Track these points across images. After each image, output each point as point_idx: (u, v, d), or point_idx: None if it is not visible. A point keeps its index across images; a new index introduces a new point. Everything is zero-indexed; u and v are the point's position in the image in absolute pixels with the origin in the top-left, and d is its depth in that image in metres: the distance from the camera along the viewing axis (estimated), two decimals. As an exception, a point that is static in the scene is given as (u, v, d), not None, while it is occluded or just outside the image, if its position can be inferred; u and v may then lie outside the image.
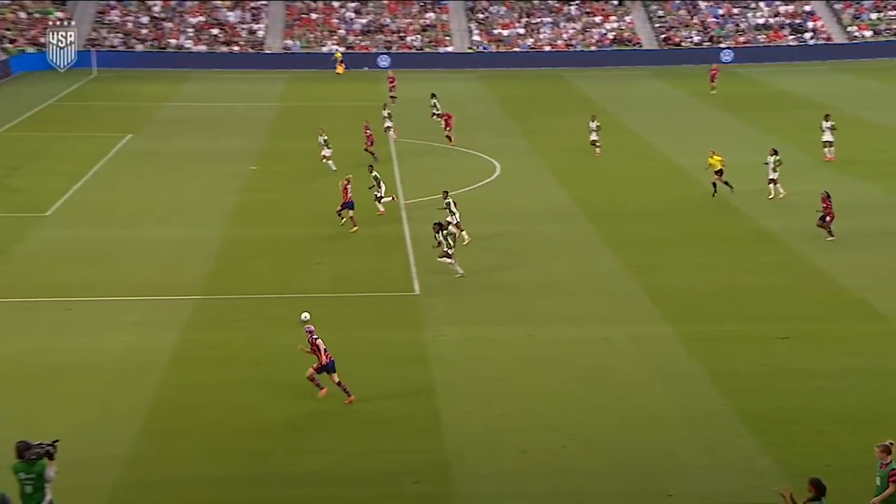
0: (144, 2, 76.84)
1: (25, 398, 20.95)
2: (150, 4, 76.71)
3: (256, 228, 33.50)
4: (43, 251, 30.75)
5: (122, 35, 73.53)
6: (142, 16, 75.59)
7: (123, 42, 73.13)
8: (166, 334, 24.37)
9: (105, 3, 76.53)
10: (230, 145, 46.81)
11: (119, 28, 74.18)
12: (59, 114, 54.43)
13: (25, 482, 14.95)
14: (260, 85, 64.36)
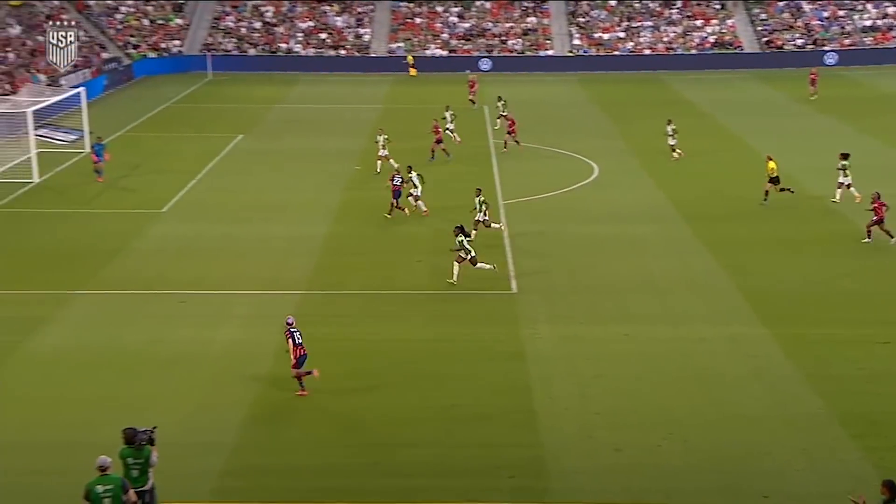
0: (258, 8, 78.37)
1: (140, 385, 21.53)
2: (263, 10, 78.17)
3: (359, 226, 33.82)
4: (159, 246, 31.55)
5: (236, 40, 75.10)
6: (255, 21, 77.09)
7: (237, 46, 74.68)
8: (272, 327, 24.72)
9: (221, 10, 78.28)
10: (336, 145, 47.34)
11: (233, 33, 75.82)
12: (176, 115, 55.86)
13: (133, 467, 15.31)
14: (365, 87, 65.01)
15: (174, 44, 74.19)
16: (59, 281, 27.83)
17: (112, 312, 25.88)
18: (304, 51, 74.72)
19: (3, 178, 39.19)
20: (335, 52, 74.69)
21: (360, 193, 38.31)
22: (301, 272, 29.01)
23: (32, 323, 24.79)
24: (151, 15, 76.42)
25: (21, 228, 33.38)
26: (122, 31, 73.76)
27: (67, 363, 22.55)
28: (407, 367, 22.70)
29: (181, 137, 48.26)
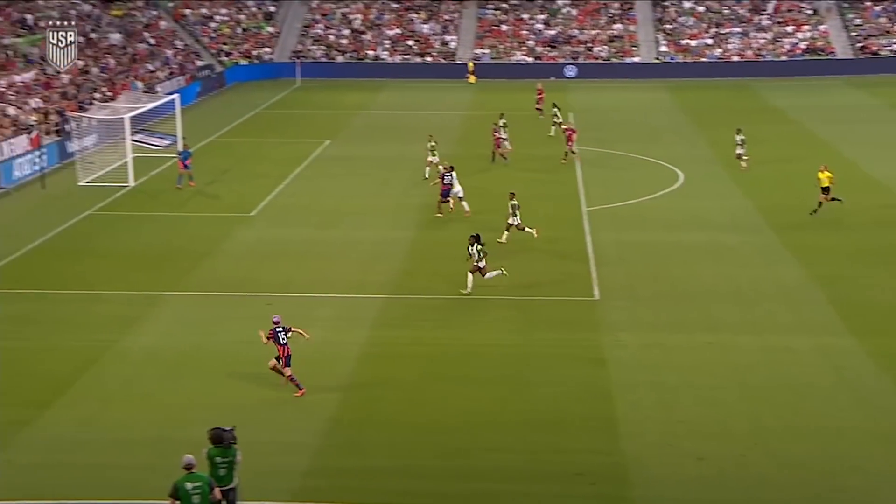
0: (346, 16, 79.34)
1: (227, 385, 21.90)
2: (352, 18, 79.09)
3: (445, 231, 33.92)
4: (247, 249, 32.11)
5: (324, 47, 76.14)
6: (343, 29, 78.04)
7: (326, 54, 75.70)
8: (357, 330, 24.99)
9: (311, 18, 79.44)
10: (421, 151, 47.54)
11: (322, 41, 76.86)
12: (265, 121, 56.84)
13: (220, 466, 15.56)
14: (450, 93, 65.23)
15: (265, 51, 75.50)
16: (152, 282, 28.51)
17: (201, 313, 26.42)
18: (390, 58, 75.33)
19: (101, 182, 40.34)
20: (421, 59, 75.14)
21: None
22: (386, 276, 29.22)
23: (127, 322, 25.44)
24: (244, 23, 77.94)
25: (117, 231, 34.30)
26: (216, 40, 75.36)
27: (158, 362, 23.08)
28: (488, 371, 22.69)
29: (270, 143, 49.07)
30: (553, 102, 51.15)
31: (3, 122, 43.97)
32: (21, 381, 21.96)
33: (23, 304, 26.91)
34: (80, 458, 18.84)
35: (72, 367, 22.61)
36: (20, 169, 41.38)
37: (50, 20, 59.78)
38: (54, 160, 43.89)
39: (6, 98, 46.62)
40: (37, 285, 28.30)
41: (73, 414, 20.52)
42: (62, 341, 24.22)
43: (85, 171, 41.15)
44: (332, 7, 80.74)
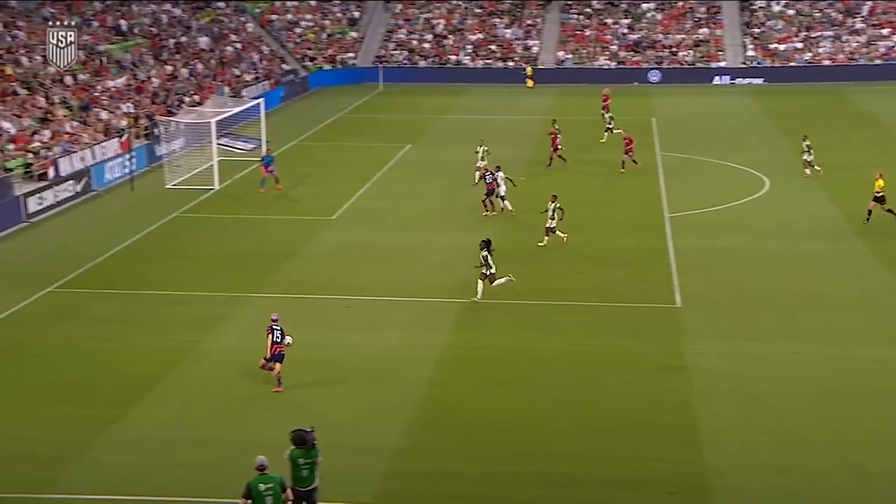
0: (429, 21, 79.74)
1: (305, 387, 22.14)
2: (434, 23, 79.47)
3: (523, 235, 33.82)
4: (328, 252, 32.45)
5: (407, 52, 76.64)
6: (426, 34, 78.45)
7: (408, 59, 76.19)
8: (434, 334, 25.06)
9: (394, 23, 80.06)
10: (501, 156, 47.45)
11: (405, 46, 77.38)
12: (347, 125, 57.43)
13: (303, 467, 15.72)
14: (532, 98, 65.03)
15: (348, 56, 76.32)
16: (235, 284, 29.00)
17: (282, 315, 26.69)
18: (472, 63, 75.47)
19: (187, 185, 41.22)
20: (503, 64, 75.12)
21: (525, 203, 38.32)
22: (464, 279, 29.23)
23: (210, 323, 25.92)
24: (328, 29, 78.90)
25: (201, 233, 34.99)
26: (300, 45, 76.44)
27: (239, 363, 23.44)
28: (566, 377, 22.55)
29: (352, 147, 49.51)
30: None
31: (95, 126, 45.25)
32: (109, 380, 22.53)
33: (111, 304, 27.61)
34: (163, 455, 19.24)
35: (157, 367, 23.12)
36: (111, 172, 42.52)
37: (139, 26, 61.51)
38: (143, 163, 44.98)
39: (99, 103, 47.94)
40: (124, 286, 29.01)
41: (157, 413, 20.97)
42: (148, 341, 24.78)
43: (172, 174, 42.09)
44: (416, 12, 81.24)
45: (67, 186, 39.15)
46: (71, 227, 35.96)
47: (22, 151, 39.92)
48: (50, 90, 46.28)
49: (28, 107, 43.33)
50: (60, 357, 23.91)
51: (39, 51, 49.48)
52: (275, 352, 21.54)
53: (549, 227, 31.88)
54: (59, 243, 33.82)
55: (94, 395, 21.82)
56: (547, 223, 31.85)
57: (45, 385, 22.22)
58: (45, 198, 37.48)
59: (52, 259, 31.80)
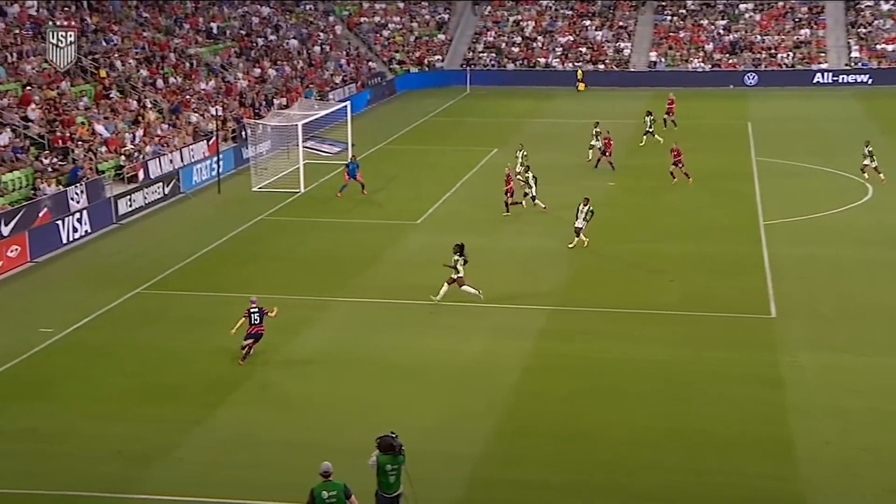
0: (518, 23, 79.71)
1: (388, 392, 22.29)
2: (523, 25, 79.41)
3: (613, 243, 33.55)
4: (412, 256, 32.63)
5: (495, 54, 76.73)
6: (515, 36, 78.41)
7: (496, 61, 76.27)
8: (520, 341, 24.99)
9: (482, 25, 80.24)
10: (591, 161, 47.28)
11: (493, 48, 77.47)
12: (434, 128, 57.75)
13: (391, 473, 15.74)
14: (623, 102, 64.47)
15: (436, 59, 76.73)
16: (318, 287, 29.35)
17: (366, 319, 27.01)
18: (562, 65, 75.18)
19: (273, 188, 41.89)
20: (594, 67, 74.67)
21: (614, 210, 38.02)
22: (551, 286, 29.14)
23: (295, 326, 26.26)
24: (416, 31, 79.43)
25: (286, 236, 35.52)
26: (388, 47, 77.13)
27: (321, 367, 23.73)
28: (655, 387, 22.26)
29: (438, 150, 49.73)
30: (648, 111, 49.76)
31: (185, 128, 46.31)
32: (194, 381, 23.01)
33: (197, 305, 28.20)
34: (243, 457, 19.53)
35: (240, 369, 23.51)
36: (198, 174, 43.48)
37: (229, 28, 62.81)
38: (230, 166, 45.88)
39: (189, 105, 49.05)
40: (210, 288, 29.60)
41: (239, 414, 21.32)
42: (232, 343, 25.17)
43: (258, 176, 42.84)
44: (504, 14, 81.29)
45: (156, 188, 40.15)
46: (159, 229, 36.84)
47: (114, 154, 41.06)
48: (142, 93, 47.52)
49: (120, 110, 44.55)
50: (148, 357, 24.51)
51: (133, 54, 50.88)
52: (252, 331, 23.58)
53: (578, 227, 32.36)
54: (147, 245, 34.69)
55: (180, 395, 22.30)
56: (576, 223, 32.31)
57: (133, 385, 22.79)
58: (135, 199, 38.51)
59: (140, 260, 32.63)
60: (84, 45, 48.43)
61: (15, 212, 33.30)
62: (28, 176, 36.45)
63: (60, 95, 42.52)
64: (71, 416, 21.38)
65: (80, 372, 23.73)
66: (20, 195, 35.42)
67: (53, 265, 32.55)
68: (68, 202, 35.72)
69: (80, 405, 21.88)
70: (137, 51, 52.01)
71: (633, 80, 72.31)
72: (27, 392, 22.52)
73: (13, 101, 40.20)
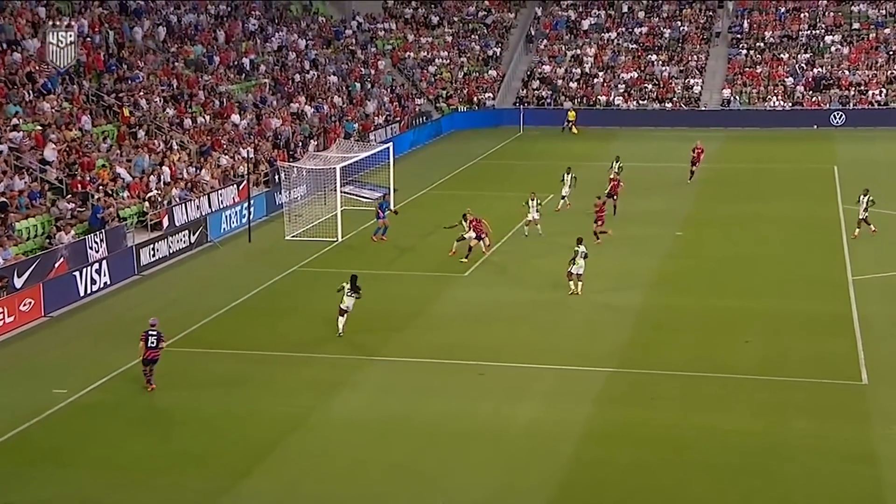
0: (577, 58, 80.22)
1: (434, 460, 22.30)
2: (583, 60, 79.92)
3: (680, 297, 33.43)
4: (459, 312, 32.72)
5: (551, 92, 77.22)
6: (573, 71, 78.89)
7: (552, 99, 76.74)
8: (578, 406, 24.91)
9: (537, 60, 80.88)
10: (655, 207, 47.22)
11: (549, 85, 77.99)
12: (483, 172, 58.06)
13: None
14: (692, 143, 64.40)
15: (486, 97, 77.37)
16: (357, 345, 29.52)
17: (408, 380, 27.10)
18: (625, 104, 75.46)
19: (308, 236, 42.32)
20: (660, 105, 74.86)
21: (682, 262, 37.93)
22: (611, 346, 29.04)
23: (330, 387, 26.43)
24: (465, 67, 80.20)
25: (321, 288, 35.71)
26: (434, 84, 77.94)
27: (361, 432, 23.80)
28: (729, 461, 22.03)
29: (488, 196, 49.96)
30: (616, 156, 49.77)
31: (214, 172, 47.02)
32: (222, 447, 23.17)
33: (224, 364, 28.47)
34: (276, 531, 19.61)
35: (272, 434, 23.67)
36: (227, 221, 44.09)
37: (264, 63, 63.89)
38: (262, 212, 46.48)
39: (218, 147, 49.80)
40: (238, 345, 29.90)
41: (272, 484, 21.43)
42: (263, 405, 25.42)
43: (292, 224, 43.35)
44: (562, 48, 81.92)
45: (182, 237, 40.75)
46: (184, 281, 37.33)
47: (137, 199, 41.74)
48: (168, 134, 48.42)
49: (144, 152, 45.35)
50: (171, 422, 24.76)
51: (159, 92, 51.95)
52: (148, 356, 25.71)
53: (576, 273, 33.62)
54: (171, 298, 35.16)
55: (205, 462, 22.48)
56: (573, 267, 33.58)
57: (155, 452, 23.00)
58: (158, 249, 39.09)
59: (163, 315, 32.91)
60: (107, 83, 49.59)
61: (29, 262, 33.89)
62: (44, 223, 37.18)
63: (81, 135, 43.43)
64: (87, 485, 21.61)
65: (96, 437, 24.01)
66: (35, 244, 36.09)
67: (69, 320, 33.08)
68: (87, 251, 36.35)
69: (96, 473, 22.11)
70: (164, 87, 53.09)
71: (704, 119, 72.32)
72: (40, 459, 22.82)
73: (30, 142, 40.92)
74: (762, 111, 72.70)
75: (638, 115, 74.23)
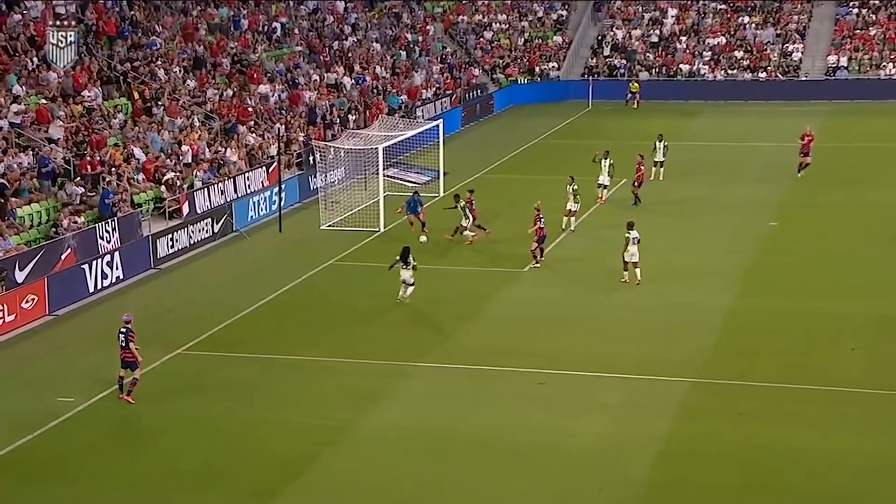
0: (656, 22, 79.77)
1: (488, 483, 22.27)
2: (662, 23, 79.43)
3: (773, 298, 33.20)
4: (516, 313, 32.73)
5: (625, 61, 76.86)
6: (650, 37, 78.44)
7: (627, 69, 76.37)
8: (652, 422, 24.84)
9: (610, 24, 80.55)
10: (745, 194, 46.87)
11: (622, 53, 77.60)
12: (546, 153, 57.97)
13: None
14: (790, 119, 63.85)
15: (550, 67, 77.20)
16: (400, 349, 29.66)
17: (457, 389, 27.17)
18: (711, 73, 74.96)
19: (346, 226, 42.52)
20: (752, 75, 74.24)
21: (775, 257, 37.65)
22: (692, 353, 28.92)
23: (368, 397, 26.57)
24: (526, 33, 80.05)
25: (360, 285, 35.98)
26: (491, 53, 77.88)
27: (403, 448, 23.91)
28: (832, 486, 21.91)
29: (550, 181, 49.80)
30: (660, 134, 49.37)
31: (240, 153, 47.28)
32: (245, 465, 23.38)
33: (250, 370, 28.73)
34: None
35: (303, 449, 23.85)
36: (255, 209, 44.44)
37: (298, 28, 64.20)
38: (294, 198, 46.82)
39: (246, 123, 50.09)
40: (266, 349, 30.15)
41: (301, 505, 21.66)
42: (292, 417, 25.62)
43: (328, 211, 43.61)
44: (638, 10, 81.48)
45: (204, 226, 41.14)
46: (206, 276, 37.70)
47: (153, 183, 42.16)
48: (189, 108, 48.85)
49: (162, 128, 45.80)
50: (189, 434, 25.01)
51: (178, 60, 52.42)
52: (122, 357, 25.85)
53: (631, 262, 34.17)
54: (191, 295, 35.53)
55: (227, 481, 22.69)
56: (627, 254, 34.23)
57: (170, 468, 23.25)
58: (177, 239, 39.49)
59: (182, 314, 33.45)
60: (119, 51, 50.11)
61: (32, 253, 34.33)
62: (49, 210, 37.62)
63: (89, 111, 43.88)
64: (93, 503, 21.91)
65: (105, 450, 24.34)
66: (39, 233, 36.54)
67: (77, 319, 33.53)
68: (97, 242, 36.76)
69: (104, 491, 22.42)
70: (184, 56, 53.53)
71: (805, 91, 71.65)
72: (42, 473, 23.16)
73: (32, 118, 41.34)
74: (875, 80, 71.77)
75: (726, 86, 73.64)
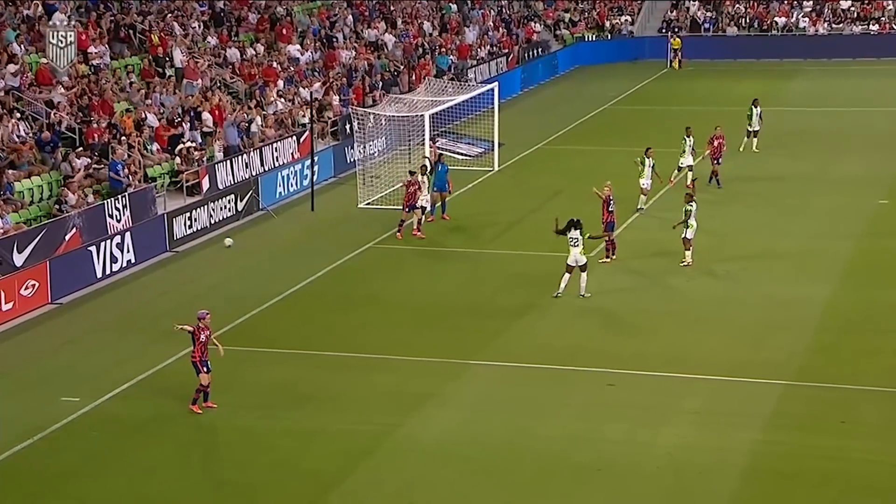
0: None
1: (562, 494, 22.30)
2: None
3: (882, 289, 32.98)
4: (581, 304, 32.59)
5: (710, 15, 76.35)
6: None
7: (712, 23, 75.88)
8: (740, 431, 24.72)
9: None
10: (850, 169, 46.54)
11: (707, 6, 77.08)
12: (617, 121, 57.77)
13: None
14: None
15: (623, 21, 76.85)
16: (450, 346, 29.66)
17: (514, 393, 27.11)
18: (812, 27, 74.32)
19: (388, 204, 42.54)
20: (862, 28, 73.51)
21: (885, 242, 37.32)
22: (786, 353, 28.76)
23: (414, 401, 26.58)
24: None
25: (404, 271, 36.03)
26: (554, 5, 77.63)
27: (452, 459, 23.89)
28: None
29: (622, 153, 49.62)
30: (755, 99, 49.64)
31: (267, 120, 47.27)
32: (275, 478, 23.42)
33: (279, 369, 28.83)
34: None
35: (340, 460, 23.89)
36: (284, 185, 44.55)
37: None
38: (328, 172, 46.89)
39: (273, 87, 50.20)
40: (298, 344, 30.25)
41: (337, 524, 21.74)
42: (328, 423, 25.67)
43: (367, 187, 43.64)
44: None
45: (226, 203, 41.31)
46: (229, 260, 37.77)
47: (169, 155, 42.32)
48: (210, 69, 48.99)
49: (178, 92, 45.98)
50: (210, 441, 25.15)
51: (197, 14, 52.60)
52: (198, 358, 25.82)
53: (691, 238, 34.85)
54: (212, 281, 35.70)
55: (254, 496, 22.76)
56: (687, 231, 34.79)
57: (190, 480, 23.34)
58: (196, 218, 39.69)
59: (201, 304, 33.52)
60: (131, 4, 50.34)
61: (32, 233, 34.49)
62: (52, 183, 37.83)
63: (96, 70, 44.08)
64: (101, 520, 22.18)
65: (113, 459, 24.42)
66: (40, 210, 36.72)
67: (82, 308, 33.79)
68: (105, 221, 36.95)
69: (113, 505, 22.61)
70: (203, 9, 53.70)
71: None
72: (42, 485, 23.32)
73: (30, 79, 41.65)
74: None
75: (830, 41, 73.07)
